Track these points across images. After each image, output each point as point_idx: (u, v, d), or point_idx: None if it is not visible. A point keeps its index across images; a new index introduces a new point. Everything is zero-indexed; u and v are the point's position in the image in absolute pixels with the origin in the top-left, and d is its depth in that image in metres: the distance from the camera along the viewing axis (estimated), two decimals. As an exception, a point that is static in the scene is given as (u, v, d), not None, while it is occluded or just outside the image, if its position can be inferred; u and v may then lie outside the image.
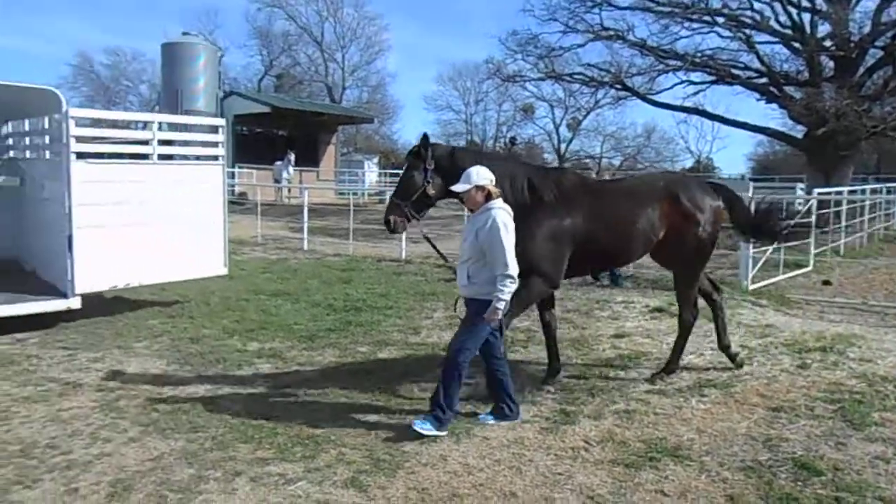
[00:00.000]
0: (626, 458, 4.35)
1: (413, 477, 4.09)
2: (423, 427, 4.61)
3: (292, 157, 27.58)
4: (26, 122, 9.35)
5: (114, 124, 9.55)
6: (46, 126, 8.40)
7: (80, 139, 7.56)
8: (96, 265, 7.70)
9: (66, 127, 7.40)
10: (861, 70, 18.92)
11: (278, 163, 27.56)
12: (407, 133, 62.57)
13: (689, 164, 56.90)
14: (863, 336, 7.18)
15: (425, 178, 5.32)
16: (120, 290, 8.64)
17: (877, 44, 18.30)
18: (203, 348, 6.98)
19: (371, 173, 35.79)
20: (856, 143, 18.81)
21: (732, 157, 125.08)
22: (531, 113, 49.95)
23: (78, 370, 6.30)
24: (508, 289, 4.55)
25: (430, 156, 5.32)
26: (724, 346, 6.22)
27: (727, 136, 61.79)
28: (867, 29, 18.17)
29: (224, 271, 9.07)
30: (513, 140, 49.14)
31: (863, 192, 19.75)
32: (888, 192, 21.69)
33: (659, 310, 8.35)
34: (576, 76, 22.61)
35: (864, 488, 3.93)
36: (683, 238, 5.69)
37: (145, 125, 8.47)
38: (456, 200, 5.51)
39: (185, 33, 30.24)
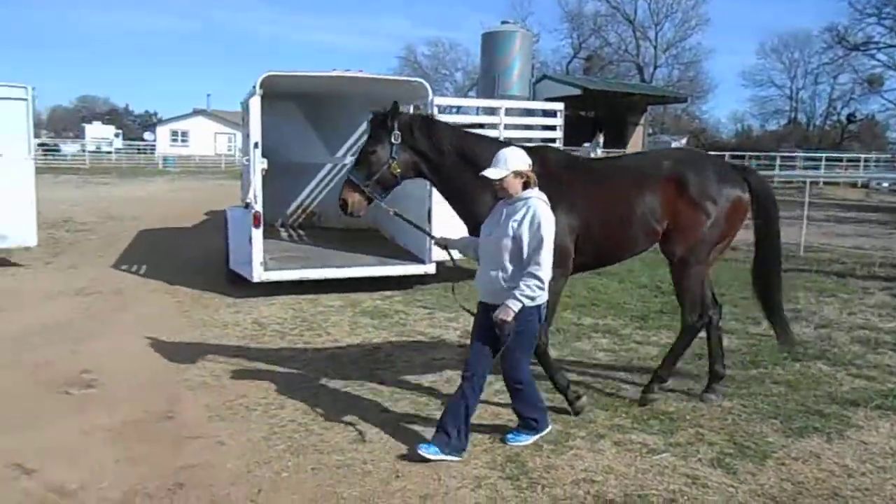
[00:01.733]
0: None
1: (784, 469, 3.94)
2: (519, 439, 4.22)
3: (601, 138, 27.66)
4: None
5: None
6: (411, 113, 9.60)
7: (441, 124, 8.52)
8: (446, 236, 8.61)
9: (432, 113, 8.38)
10: None
11: (586, 144, 27.82)
12: (719, 111, 58.77)
13: None
14: None
15: (390, 153, 4.51)
16: (459, 261, 9.56)
17: None
18: (542, 318, 7.45)
19: (679, 155, 34.34)
20: None
21: None
22: (878, 85, 43.19)
23: (438, 327, 7.19)
24: (531, 291, 3.78)
25: (395, 126, 4.48)
26: (715, 374, 5.10)
27: None
28: None
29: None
30: (850, 117, 43.11)
31: None
32: None
33: None
34: (949, 38, 19.03)
35: None
36: (686, 231, 4.68)
37: (493, 111, 9.22)
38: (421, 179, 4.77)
39: (503, 22, 31.92)
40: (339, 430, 4.48)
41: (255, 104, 8.04)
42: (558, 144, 9.21)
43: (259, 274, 8.10)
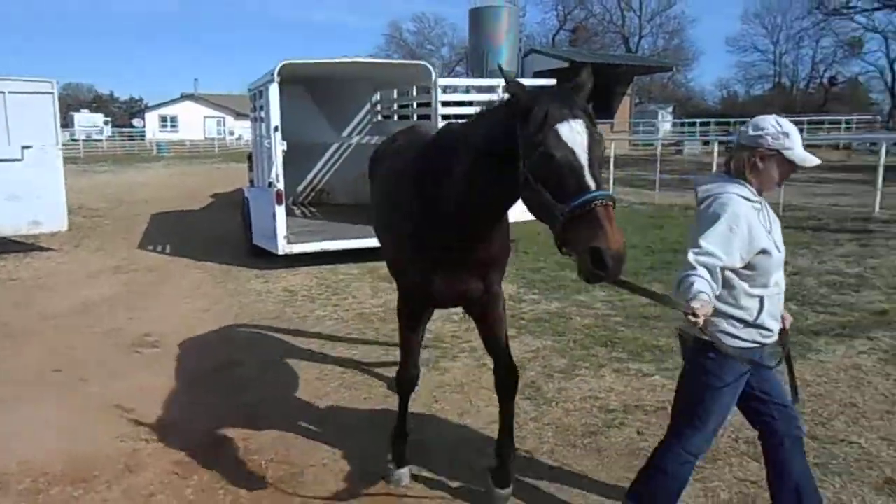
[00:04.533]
0: (974, 391, 4.51)
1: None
2: None
3: (589, 108, 28.26)
4: (394, 91, 11.49)
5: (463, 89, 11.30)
6: (415, 94, 10.30)
7: (445, 104, 9.23)
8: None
9: (436, 94, 9.09)
10: None
11: (575, 116, 28.48)
12: (704, 79, 59.23)
13: None
14: None
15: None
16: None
17: None
18: (544, 277, 8.26)
19: (665, 123, 35.13)
20: None
21: None
22: (858, 48, 43.99)
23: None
24: None
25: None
26: None
27: None
28: None
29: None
30: (832, 80, 43.86)
31: None
32: None
33: None
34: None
35: None
36: None
37: (492, 89, 9.90)
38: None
39: (490, -3, 32.30)
40: (381, 370, 5.27)
41: (274, 91, 8.73)
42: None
43: (283, 247, 8.83)
